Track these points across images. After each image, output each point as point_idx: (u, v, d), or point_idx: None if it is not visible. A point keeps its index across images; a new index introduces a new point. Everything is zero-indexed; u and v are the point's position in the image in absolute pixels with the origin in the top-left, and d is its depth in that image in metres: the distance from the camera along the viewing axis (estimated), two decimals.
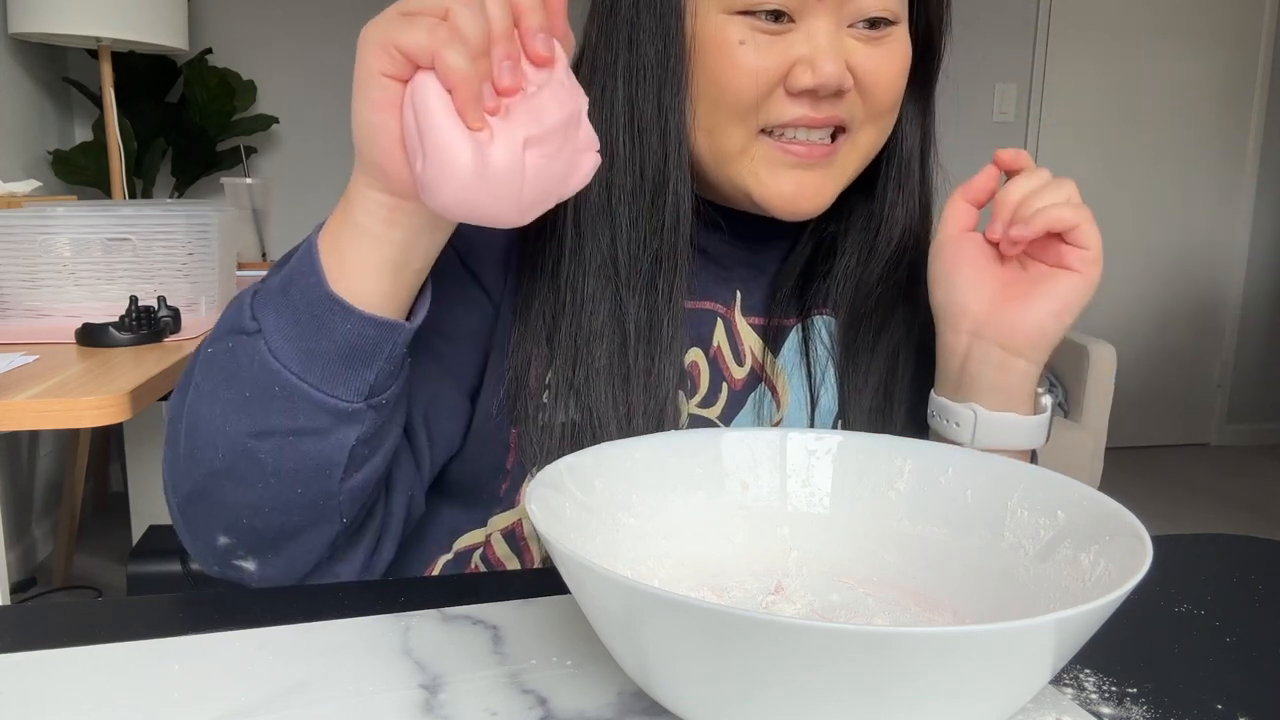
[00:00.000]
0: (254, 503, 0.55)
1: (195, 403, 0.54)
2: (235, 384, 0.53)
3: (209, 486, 0.55)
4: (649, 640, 0.37)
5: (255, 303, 0.53)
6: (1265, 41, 3.95)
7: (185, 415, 0.55)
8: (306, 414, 0.53)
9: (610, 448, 0.52)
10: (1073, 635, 0.37)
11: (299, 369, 0.52)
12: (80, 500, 2.46)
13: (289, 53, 3.15)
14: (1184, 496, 3.53)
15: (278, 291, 0.53)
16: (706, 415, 0.70)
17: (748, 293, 0.73)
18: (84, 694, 0.43)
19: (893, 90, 0.66)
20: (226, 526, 0.57)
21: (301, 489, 0.55)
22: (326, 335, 0.52)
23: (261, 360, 0.52)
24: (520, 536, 0.68)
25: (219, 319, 0.56)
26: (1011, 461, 0.52)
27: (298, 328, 0.52)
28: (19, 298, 1.53)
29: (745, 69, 0.62)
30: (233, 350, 0.53)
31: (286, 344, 0.52)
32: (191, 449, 0.55)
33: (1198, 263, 4.07)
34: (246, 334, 0.53)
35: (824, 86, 0.62)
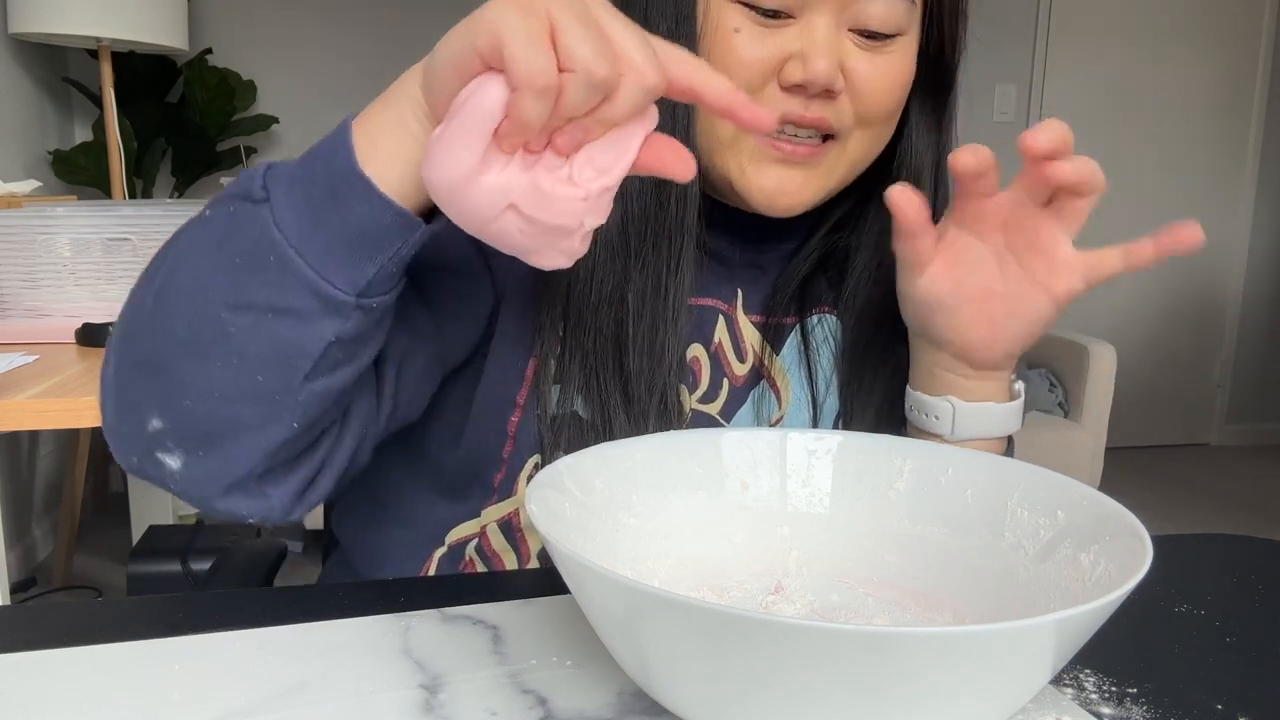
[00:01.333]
0: (206, 384, 0.51)
1: (175, 265, 0.51)
2: (226, 249, 0.50)
3: (163, 357, 0.51)
4: (649, 640, 0.37)
5: (269, 173, 0.50)
6: (1265, 42, 3.95)
7: (158, 276, 0.52)
8: (295, 292, 0.49)
9: (610, 448, 0.52)
10: (1073, 635, 0.37)
11: (299, 243, 0.49)
12: (80, 500, 2.46)
13: (289, 53, 3.15)
14: (1184, 496, 3.53)
15: (296, 164, 0.50)
16: (707, 411, 0.71)
17: (749, 292, 0.73)
18: (84, 694, 0.43)
19: (887, 99, 0.65)
20: (165, 407, 0.52)
21: (263, 376, 0.51)
22: (339, 212, 0.49)
23: (263, 228, 0.49)
24: (516, 527, 0.68)
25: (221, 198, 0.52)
26: (1011, 461, 0.52)
27: (310, 201, 0.49)
28: (19, 298, 1.53)
29: (737, 57, 0.62)
30: (233, 215, 0.50)
31: (294, 216, 0.49)
32: (156, 314, 0.51)
33: (1198, 263, 4.07)
34: (252, 201, 0.50)
35: (813, 83, 0.61)
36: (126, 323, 0.53)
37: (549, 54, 0.43)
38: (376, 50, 3.21)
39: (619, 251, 0.65)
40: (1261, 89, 3.98)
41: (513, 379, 0.67)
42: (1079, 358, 2.84)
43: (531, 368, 0.67)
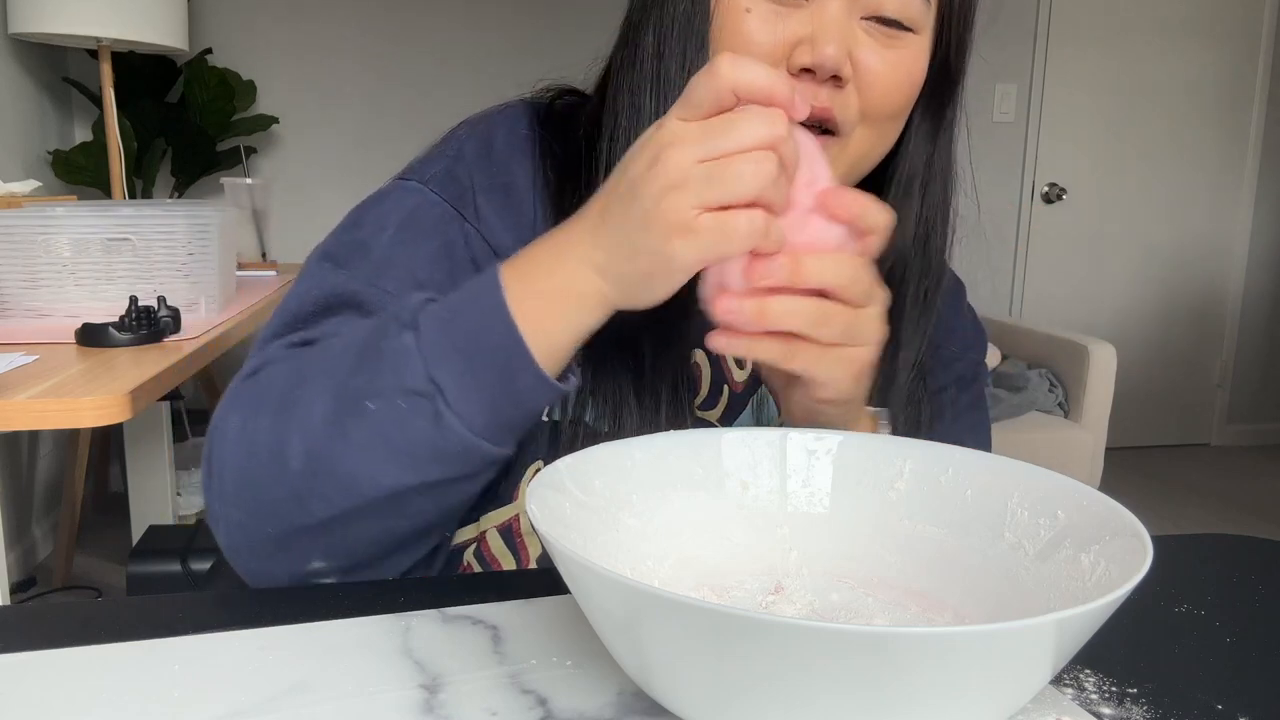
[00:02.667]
0: (379, 537, 0.57)
1: (334, 449, 0.54)
2: (400, 441, 0.53)
3: (333, 524, 0.56)
4: (649, 640, 0.37)
5: (428, 363, 0.53)
6: (1265, 41, 3.95)
7: (304, 456, 0.54)
8: (474, 464, 0.55)
9: (610, 447, 0.52)
10: (1073, 635, 0.37)
11: (484, 430, 0.54)
12: (80, 500, 2.46)
13: (289, 53, 3.15)
14: (1184, 496, 3.53)
15: (459, 356, 0.53)
16: (707, 418, 0.70)
17: None
18: (84, 694, 0.43)
19: (894, 95, 0.64)
20: (331, 554, 0.57)
21: (436, 521, 0.58)
22: (523, 407, 0.54)
23: (440, 420, 0.53)
24: (516, 532, 0.68)
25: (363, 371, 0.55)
26: (1011, 461, 0.52)
27: (489, 397, 0.53)
28: (19, 298, 1.53)
29: (746, 39, 0.62)
30: (404, 410, 0.53)
31: (473, 409, 0.53)
32: (319, 490, 0.55)
33: (1198, 263, 4.07)
34: (421, 395, 0.53)
35: (821, 67, 0.61)
36: (273, 490, 0.56)
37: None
38: (376, 50, 3.21)
39: None
40: (1262, 89, 3.98)
41: None
42: (1079, 358, 2.84)
43: None
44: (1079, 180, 3.91)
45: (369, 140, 3.20)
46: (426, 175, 0.68)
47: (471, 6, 3.27)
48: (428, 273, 0.64)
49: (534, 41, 3.29)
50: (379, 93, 3.22)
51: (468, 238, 0.66)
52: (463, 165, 0.68)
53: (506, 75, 0.74)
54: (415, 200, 0.67)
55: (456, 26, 3.27)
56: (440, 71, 3.26)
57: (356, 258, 0.65)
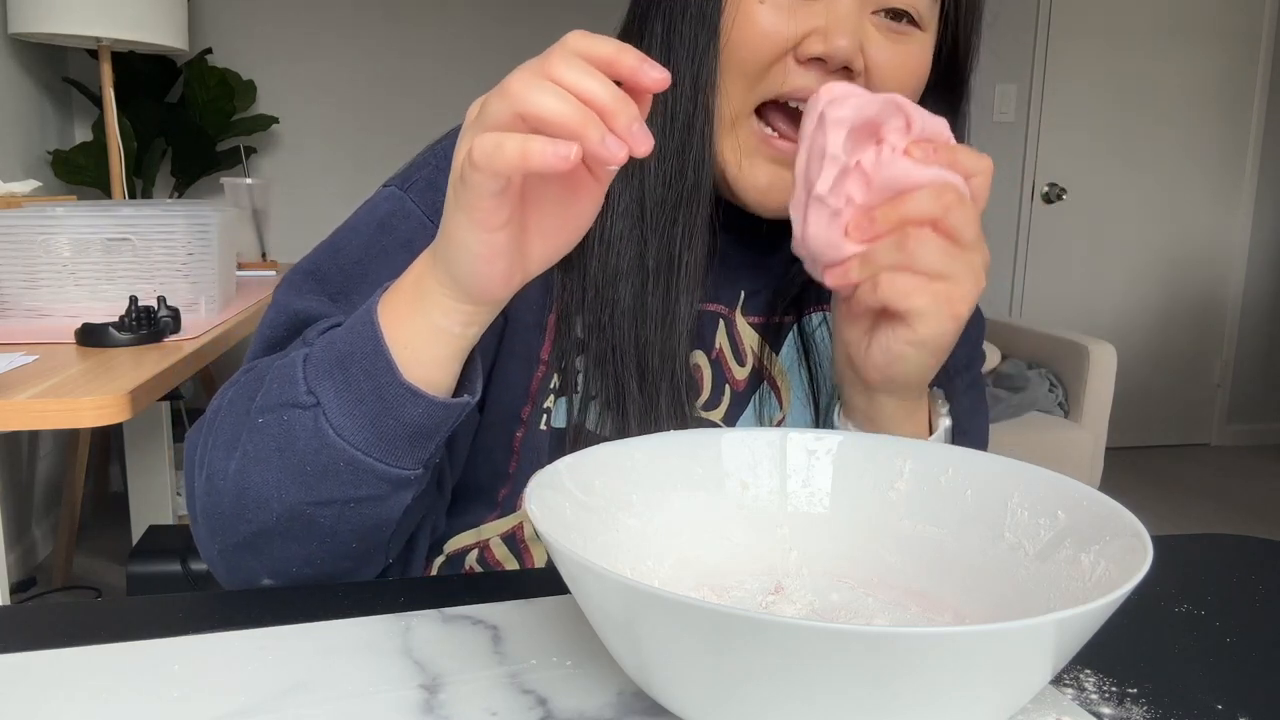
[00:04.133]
0: (306, 556, 0.57)
1: (245, 468, 0.54)
2: (290, 455, 0.53)
3: (258, 542, 0.56)
4: (649, 640, 0.37)
5: (309, 376, 0.53)
6: (1265, 41, 3.95)
7: (230, 476, 0.55)
8: (369, 484, 0.54)
9: (610, 448, 0.52)
10: (1073, 635, 0.37)
11: (364, 445, 0.53)
12: (80, 500, 2.46)
13: (289, 53, 3.15)
14: (1184, 496, 3.53)
15: (335, 366, 0.53)
16: (710, 418, 0.70)
17: (750, 293, 0.73)
18: (84, 694, 0.43)
19: (901, 90, 0.64)
20: (274, 573, 0.58)
21: (356, 544, 0.57)
22: (395, 417, 0.53)
23: (321, 435, 0.52)
24: (521, 539, 0.68)
25: (263, 386, 0.55)
26: (1011, 461, 0.52)
27: (363, 407, 0.52)
28: (19, 298, 1.53)
29: (759, 29, 0.62)
30: (288, 423, 0.53)
31: (350, 421, 0.52)
32: (240, 509, 0.55)
33: (1198, 263, 4.07)
34: (301, 407, 0.53)
35: (832, 58, 0.61)
36: (212, 509, 0.57)
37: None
38: (377, 50, 3.21)
39: (637, 220, 0.66)
40: (1262, 89, 3.98)
41: (517, 395, 0.67)
42: (1079, 358, 2.84)
43: (535, 382, 0.67)
44: (1079, 180, 3.90)
45: (369, 140, 3.20)
46: (409, 182, 0.67)
47: (472, 6, 3.27)
48: None
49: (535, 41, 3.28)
50: (379, 93, 3.22)
51: None
52: (444, 174, 0.67)
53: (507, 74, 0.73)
54: (390, 208, 0.66)
55: (457, 26, 3.27)
56: (441, 71, 3.26)
57: (329, 273, 0.65)
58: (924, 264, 0.55)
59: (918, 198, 0.55)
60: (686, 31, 0.64)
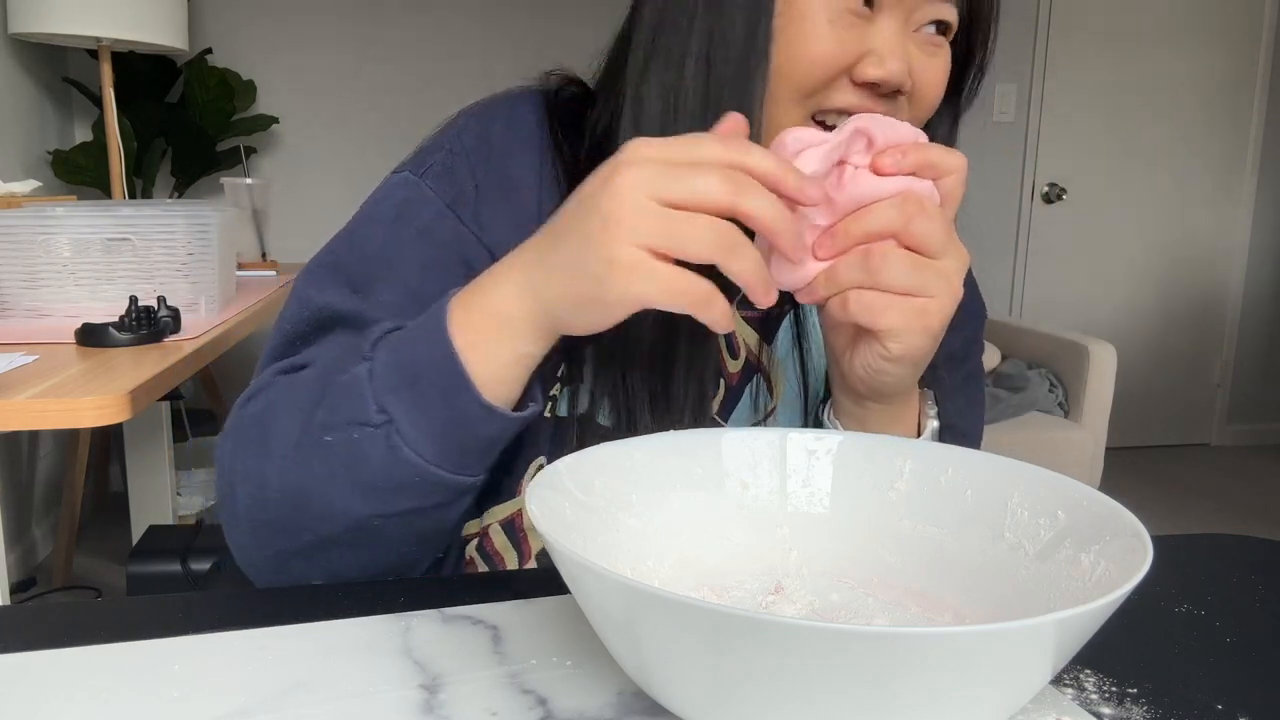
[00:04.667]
0: (364, 562, 0.58)
1: (305, 484, 0.55)
2: (361, 471, 0.54)
3: (316, 551, 0.57)
4: (649, 640, 0.37)
5: (377, 392, 0.53)
6: (1265, 41, 3.95)
7: (288, 490, 0.55)
8: (440, 494, 0.55)
9: (610, 448, 0.52)
10: (1073, 635, 0.37)
11: (437, 458, 0.53)
12: (80, 500, 2.46)
13: (289, 53, 3.15)
14: (1184, 496, 3.53)
15: (405, 383, 0.53)
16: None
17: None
18: (84, 694, 0.43)
19: (937, 100, 0.66)
20: (328, 575, 0.58)
21: (416, 547, 0.58)
22: (470, 432, 0.54)
23: (395, 451, 0.53)
24: (519, 528, 0.68)
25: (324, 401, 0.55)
26: (1011, 461, 0.52)
27: (437, 424, 0.53)
28: (19, 298, 1.53)
29: (823, 49, 0.61)
30: (358, 441, 0.53)
31: (423, 436, 0.53)
32: (300, 520, 0.56)
33: (1198, 263, 4.07)
34: (372, 425, 0.53)
35: (887, 82, 0.61)
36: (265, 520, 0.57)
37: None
38: (377, 50, 3.21)
39: None
40: (1262, 89, 3.98)
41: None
42: (1079, 358, 2.84)
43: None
44: (1079, 180, 3.90)
45: (369, 140, 3.20)
46: (423, 167, 0.67)
47: (473, 6, 3.27)
48: (420, 280, 0.64)
49: (537, 40, 3.29)
50: (379, 93, 3.22)
51: (460, 239, 0.65)
52: (461, 159, 0.67)
53: (509, 74, 0.73)
54: (405, 195, 0.66)
55: (458, 26, 3.27)
56: (441, 71, 3.26)
57: (350, 264, 0.64)
58: (889, 280, 0.53)
59: (877, 210, 0.53)
60: (732, 52, 0.62)
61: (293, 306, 0.64)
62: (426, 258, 0.64)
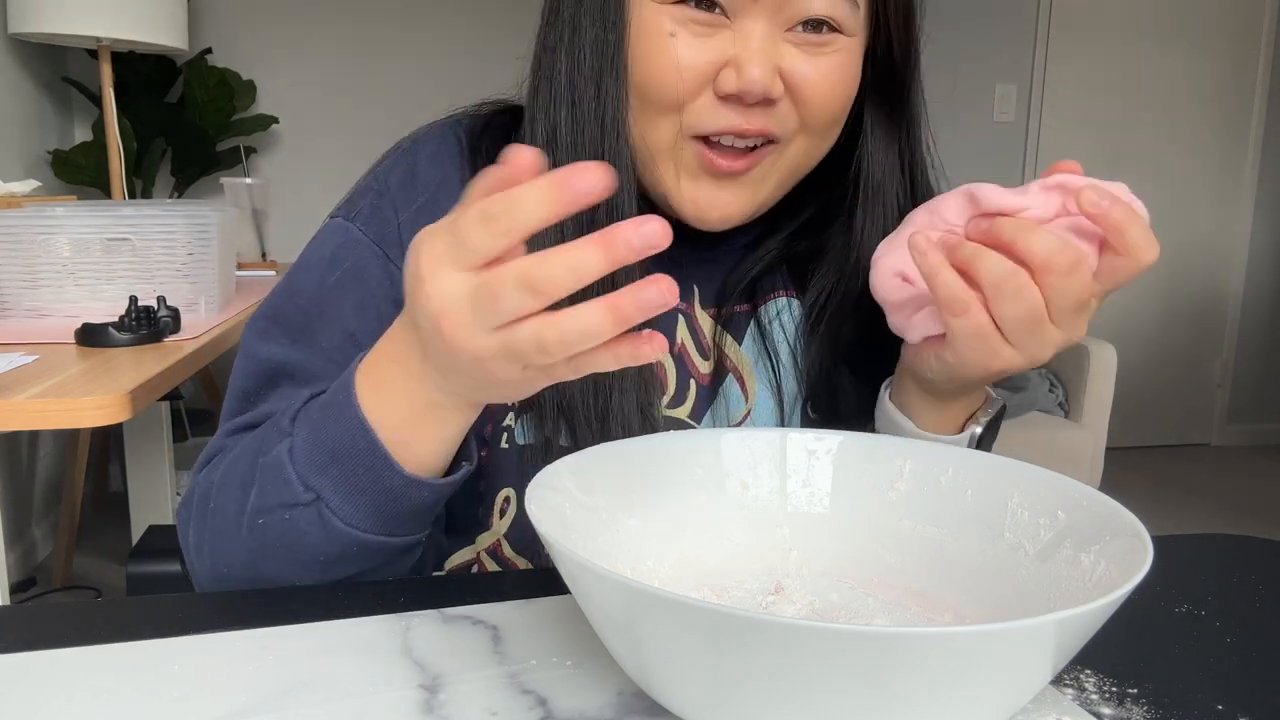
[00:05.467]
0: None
1: (254, 564, 0.56)
2: (299, 549, 0.54)
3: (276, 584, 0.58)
4: (649, 640, 0.37)
5: (301, 472, 0.53)
6: (1265, 41, 3.95)
7: (241, 570, 0.56)
8: (381, 556, 0.55)
9: (610, 448, 0.52)
10: (1073, 635, 0.37)
11: (373, 527, 0.54)
12: (80, 500, 2.46)
13: (289, 53, 3.15)
14: (1184, 496, 3.53)
15: (328, 461, 0.52)
16: (677, 415, 0.70)
17: (704, 285, 0.72)
18: (84, 694, 0.43)
19: (831, 103, 0.62)
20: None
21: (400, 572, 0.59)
22: (400, 502, 0.53)
23: (328, 527, 0.53)
24: (503, 556, 0.68)
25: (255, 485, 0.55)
26: (1011, 461, 0.52)
27: (365, 497, 0.53)
28: (19, 298, 1.53)
29: (670, 64, 0.59)
30: (290, 521, 0.54)
31: (355, 510, 0.53)
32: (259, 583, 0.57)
33: (1198, 263, 4.07)
34: (302, 504, 0.53)
35: (748, 92, 0.59)
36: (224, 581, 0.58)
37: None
38: (376, 50, 3.21)
39: None
40: (1262, 89, 3.98)
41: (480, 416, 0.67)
42: (1079, 358, 2.84)
43: None
44: None
45: (369, 140, 3.19)
46: (354, 211, 0.67)
47: (473, 6, 3.27)
48: (356, 321, 0.63)
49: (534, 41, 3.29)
50: (379, 93, 3.22)
51: (392, 278, 0.64)
52: (387, 198, 0.66)
53: (507, 77, 0.73)
54: (338, 240, 0.66)
55: (457, 26, 3.27)
56: (441, 72, 3.26)
57: (289, 314, 0.64)
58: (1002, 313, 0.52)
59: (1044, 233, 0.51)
60: (589, 71, 0.62)
61: (241, 362, 0.64)
62: (360, 298, 0.64)
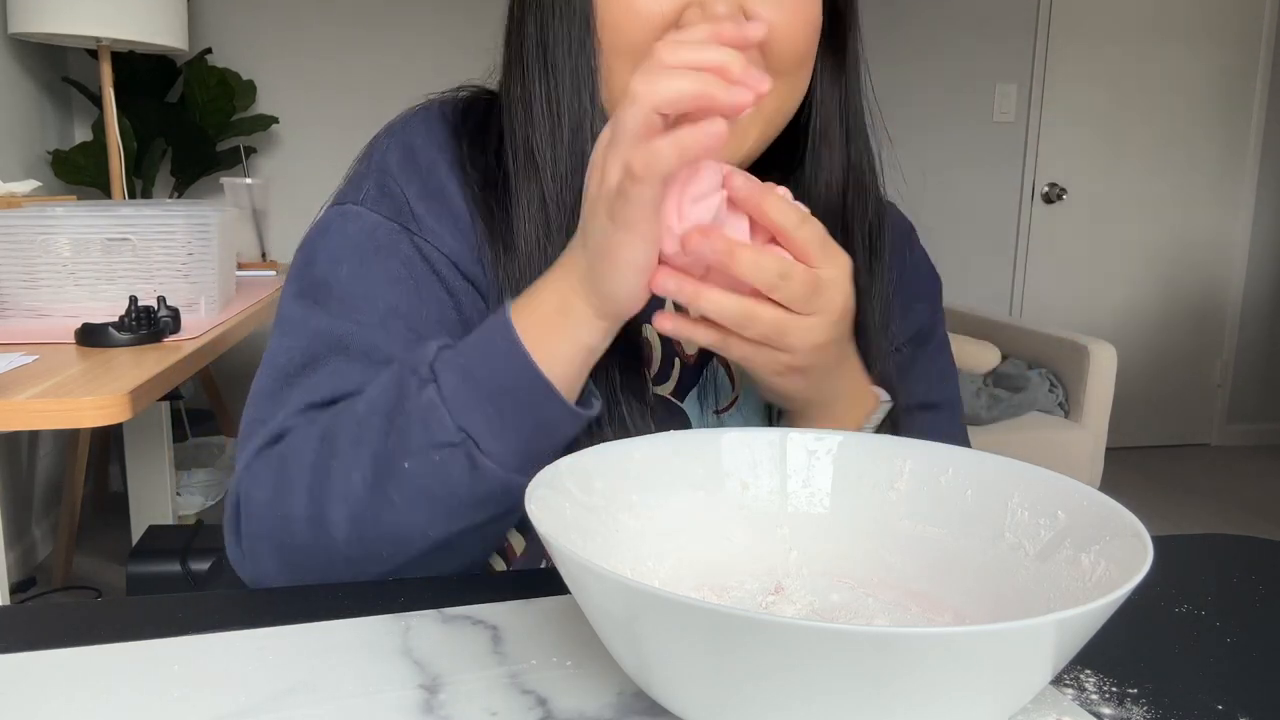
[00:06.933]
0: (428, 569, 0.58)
1: (380, 514, 0.56)
2: (442, 492, 0.55)
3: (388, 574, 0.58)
4: (649, 640, 0.37)
5: (455, 414, 0.54)
6: (1265, 41, 3.95)
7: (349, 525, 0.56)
8: (515, 499, 0.55)
9: (610, 448, 0.52)
10: (1073, 635, 0.37)
11: (518, 466, 0.55)
12: (80, 500, 2.46)
13: (289, 53, 3.15)
14: (1184, 496, 3.53)
15: (484, 400, 0.54)
16: (659, 392, 0.70)
17: None
18: (84, 694, 0.43)
19: (797, 44, 0.63)
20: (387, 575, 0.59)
21: (482, 553, 0.60)
22: (555, 436, 0.56)
23: (478, 467, 0.54)
24: None
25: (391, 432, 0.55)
26: (1011, 461, 0.52)
27: (520, 434, 0.55)
28: (19, 298, 1.53)
29: (633, 9, 0.60)
30: (439, 464, 0.54)
31: (506, 449, 0.55)
32: (370, 551, 0.57)
33: (1198, 263, 4.07)
34: (453, 445, 0.54)
35: None
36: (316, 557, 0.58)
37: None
38: (376, 50, 3.21)
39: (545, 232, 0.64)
40: (1262, 88, 3.98)
41: None
42: (1079, 358, 2.84)
43: None
44: (1079, 180, 3.90)
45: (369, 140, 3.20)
46: (360, 195, 0.67)
47: (474, 6, 3.27)
48: (393, 296, 0.64)
49: None
50: (379, 93, 3.22)
51: (420, 249, 0.65)
52: (390, 178, 0.67)
53: None
54: (356, 225, 0.66)
55: (457, 26, 3.27)
56: (441, 72, 3.26)
57: (325, 299, 0.64)
58: (752, 335, 0.55)
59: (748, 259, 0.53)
60: (559, 26, 0.63)
61: (283, 335, 0.64)
62: (393, 274, 0.64)
